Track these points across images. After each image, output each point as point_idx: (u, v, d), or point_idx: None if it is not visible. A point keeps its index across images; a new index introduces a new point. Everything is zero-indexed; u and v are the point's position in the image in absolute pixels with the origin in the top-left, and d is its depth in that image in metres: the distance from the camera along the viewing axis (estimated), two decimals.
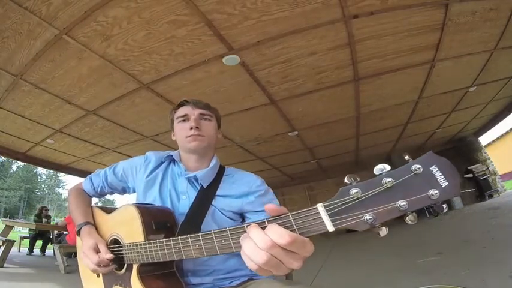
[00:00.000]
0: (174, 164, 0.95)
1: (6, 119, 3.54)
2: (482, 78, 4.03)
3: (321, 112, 4.23)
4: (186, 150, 0.91)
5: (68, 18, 2.08)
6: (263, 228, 0.44)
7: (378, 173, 0.42)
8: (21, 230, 9.88)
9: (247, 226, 0.47)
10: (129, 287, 0.72)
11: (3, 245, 3.90)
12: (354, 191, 0.41)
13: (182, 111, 0.92)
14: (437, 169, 0.40)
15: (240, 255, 0.82)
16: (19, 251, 6.31)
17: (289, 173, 8.11)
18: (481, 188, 7.49)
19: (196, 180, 0.88)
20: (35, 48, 2.35)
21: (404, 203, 0.39)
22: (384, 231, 0.41)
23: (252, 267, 0.44)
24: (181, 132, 0.90)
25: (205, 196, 0.85)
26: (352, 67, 3.14)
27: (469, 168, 7.64)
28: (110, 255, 0.75)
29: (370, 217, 0.40)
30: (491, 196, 7.53)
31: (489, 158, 8.20)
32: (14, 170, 39.34)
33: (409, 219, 0.40)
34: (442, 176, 0.40)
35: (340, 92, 3.69)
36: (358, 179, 0.43)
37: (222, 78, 3.05)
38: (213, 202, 0.85)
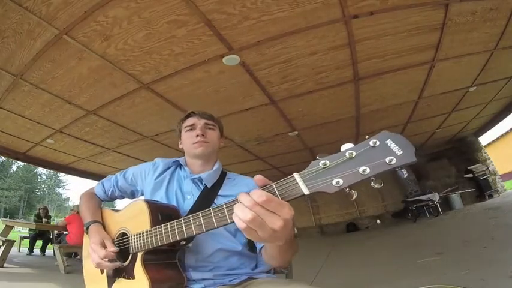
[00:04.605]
0: (181, 168, 1.03)
1: (6, 119, 3.54)
2: (482, 78, 4.03)
3: (321, 112, 4.23)
4: (192, 155, 1.00)
5: (68, 18, 2.08)
6: None
7: (343, 149, 0.50)
8: (21, 230, 9.87)
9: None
10: (132, 277, 0.75)
11: (3, 245, 3.89)
12: (322, 161, 0.50)
13: (189, 121, 1.02)
14: (391, 142, 0.47)
15: (240, 254, 0.86)
16: (19, 251, 6.29)
17: (289, 173, 8.06)
18: (481, 188, 7.50)
19: (201, 181, 0.95)
20: (35, 48, 2.34)
21: (365, 168, 0.46)
22: (353, 194, 0.48)
23: (240, 226, 0.49)
24: (189, 139, 1.00)
25: (209, 195, 0.92)
26: (352, 67, 3.14)
27: (469, 168, 7.64)
28: (114, 249, 0.80)
29: (338, 180, 0.47)
30: (491, 196, 7.52)
31: (489, 158, 8.20)
32: (14, 170, 39.31)
33: (374, 183, 0.47)
34: (397, 147, 0.46)
35: (340, 92, 3.69)
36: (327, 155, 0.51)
37: (222, 78, 3.04)
38: (215, 201, 0.91)
